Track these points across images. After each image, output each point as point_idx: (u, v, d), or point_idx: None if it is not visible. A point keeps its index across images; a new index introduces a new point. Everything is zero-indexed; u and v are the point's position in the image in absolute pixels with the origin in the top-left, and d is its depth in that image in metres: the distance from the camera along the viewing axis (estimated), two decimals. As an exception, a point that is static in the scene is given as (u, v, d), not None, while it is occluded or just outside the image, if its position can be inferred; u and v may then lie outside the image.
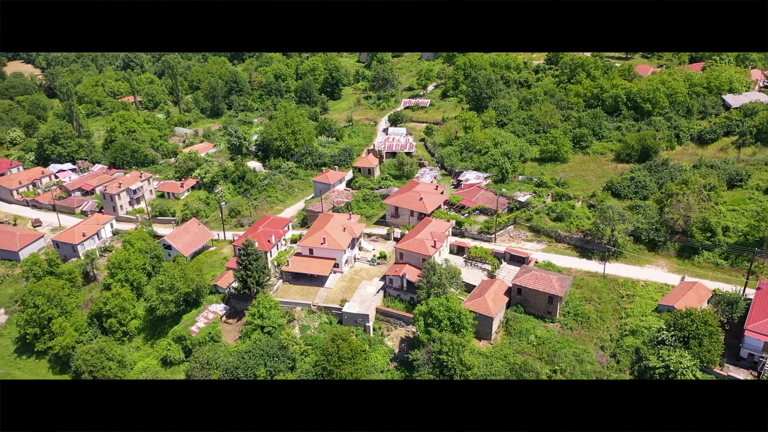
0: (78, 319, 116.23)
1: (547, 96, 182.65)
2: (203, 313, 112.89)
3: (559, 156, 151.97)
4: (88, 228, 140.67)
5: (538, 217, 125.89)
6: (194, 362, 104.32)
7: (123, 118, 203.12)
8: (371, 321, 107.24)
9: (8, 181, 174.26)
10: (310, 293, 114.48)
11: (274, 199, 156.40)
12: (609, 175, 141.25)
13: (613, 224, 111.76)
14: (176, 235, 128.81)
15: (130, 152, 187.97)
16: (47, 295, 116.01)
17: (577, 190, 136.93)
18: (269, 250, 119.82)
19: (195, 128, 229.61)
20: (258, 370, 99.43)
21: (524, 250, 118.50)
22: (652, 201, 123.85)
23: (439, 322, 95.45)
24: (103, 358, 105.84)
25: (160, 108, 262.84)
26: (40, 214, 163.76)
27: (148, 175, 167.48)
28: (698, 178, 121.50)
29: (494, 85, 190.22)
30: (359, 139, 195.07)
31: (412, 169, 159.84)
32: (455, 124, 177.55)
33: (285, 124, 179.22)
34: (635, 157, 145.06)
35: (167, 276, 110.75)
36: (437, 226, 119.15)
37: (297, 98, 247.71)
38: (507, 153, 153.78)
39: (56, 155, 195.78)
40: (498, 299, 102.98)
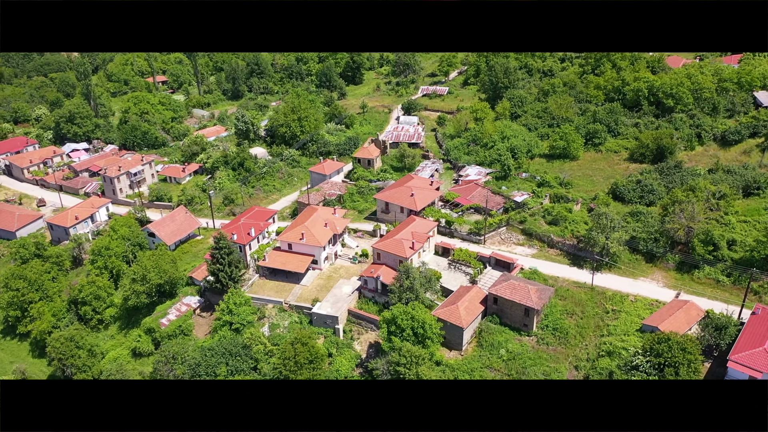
0: (57, 305, 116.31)
1: (566, 87, 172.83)
2: (176, 305, 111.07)
3: (568, 153, 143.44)
4: (82, 211, 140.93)
5: (532, 219, 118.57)
6: (160, 356, 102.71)
7: (137, 98, 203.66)
8: (341, 323, 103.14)
9: (20, 159, 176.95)
10: (285, 290, 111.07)
11: (271, 188, 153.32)
12: (619, 175, 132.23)
13: (606, 232, 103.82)
14: (160, 223, 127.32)
15: (140, 134, 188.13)
16: (29, 278, 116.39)
17: (580, 191, 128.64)
18: (248, 243, 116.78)
19: (213, 110, 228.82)
20: (219, 368, 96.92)
21: (512, 255, 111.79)
22: (658, 207, 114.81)
23: (402, 330, 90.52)
24: (72, 346, 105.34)
25: (184, 89, 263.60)
26: (46, 194, 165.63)
27: (150, 158, 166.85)
28: (708, 184, 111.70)
29: (512, 75, 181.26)
30: (370, 127, 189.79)
31: (414, 162, 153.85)
32: (465, 114, 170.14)
33: (291, 110, 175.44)
34: (649, 158, 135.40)
35: (140, 266, 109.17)
36: (421, 225, 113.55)
37: (318, 82, 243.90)
38: (513, 148, 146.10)
39: (72, 134, 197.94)
40: (472, 308, 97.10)
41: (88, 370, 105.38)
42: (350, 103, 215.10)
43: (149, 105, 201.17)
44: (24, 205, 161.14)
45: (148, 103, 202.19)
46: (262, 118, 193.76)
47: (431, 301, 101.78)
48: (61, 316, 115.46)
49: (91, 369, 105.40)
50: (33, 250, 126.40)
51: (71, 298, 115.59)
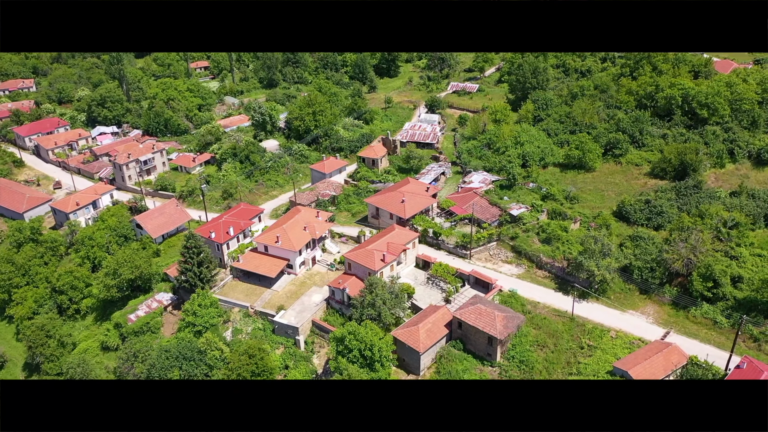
0: (41, 291, 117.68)
1: (597, 91, 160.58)
2: (147, 301, 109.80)
3: (584, 163, 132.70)
4: (84, 197, 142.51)
5: (525, 236, 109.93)
6: (123, 352, 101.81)
7: (165, 84, 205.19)
8: (302, 334, 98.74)
9: (47, 140, 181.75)
10: (256, 294, 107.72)
11: (273, 184, 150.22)
12: (634, 191, 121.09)
13: (595, 258, 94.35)
14: (148, 215, 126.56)
15: (163, 121, 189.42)
16: (16, 263, 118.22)
17: (586, 207, 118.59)
18: (226, 242, 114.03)
19: (244, 99, 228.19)
20: (172, 372, 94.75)
21: (495, 274, 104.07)
22: (665, 232, 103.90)
23: (349, 351, 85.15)
24: (43, 335, 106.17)
25: (223, 75, 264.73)
26: (66, 177, 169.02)
27: (163, 146, 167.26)
28: (721, 210, 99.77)
29: (540, 75, 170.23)
30: (390, 123, 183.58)
31: (420, 164, 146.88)
32: (484, 115, 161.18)
33: (307, 103, 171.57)
34: (671, 174, 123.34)
35: (113, 260, 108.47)
36: (400, 235, 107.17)
37: (352, 73, 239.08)
38: (525, 155, 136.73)
39: (102, 118, 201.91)
40: (435, 331, 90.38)
41: (56, 360, 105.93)
42: (379, 97, 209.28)
43: (176, 91, 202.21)
44: (41, 186, 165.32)
45: (176, 89, 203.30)
46: (282, 110, 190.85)
47: (397, 318, 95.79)
48: (43, 302, 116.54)
49: (59, 359, 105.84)
50: (28, 234, 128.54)
51: (52, 286, 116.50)
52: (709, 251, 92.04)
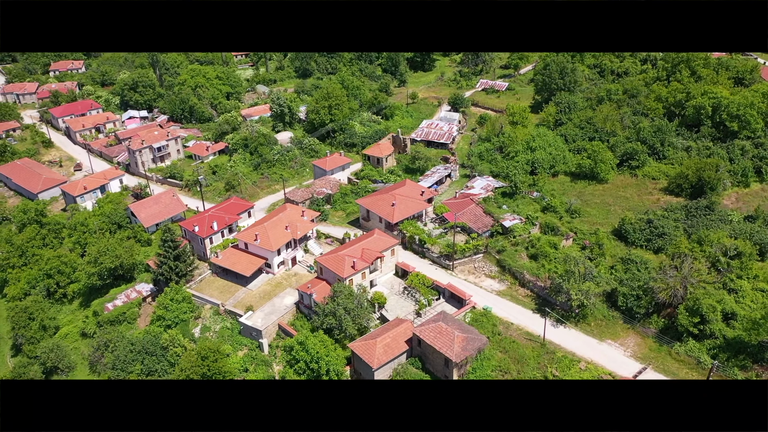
0: (34, 273, 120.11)
1: (626, 96, 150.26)
2: (127, 291, 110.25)
3: (596, 174, 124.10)
4: (92, 181, 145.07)
5: (513, 250, 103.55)
6: (95, 341, 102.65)
7: (194, 71, 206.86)
8: (266, 337, 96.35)
9: (75, 122, 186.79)
10: (230, 291, 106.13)
11: (278, 178, 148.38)
12: (643, 207, 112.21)
13: (575, 281, 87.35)
14: (142, 204, 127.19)
15: (188, 107, 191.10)
16: (14, 243, 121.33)
17: (587, 223, 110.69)
18: (209, 236, 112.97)
19: (277, 88, 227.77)
20: (134, 366, 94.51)
21: (472, 290, 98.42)
22: (664, 256, 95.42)
23: (297, 362, 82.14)
24: (26, 317, 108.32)
25: (261, 63, 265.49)
26: (88, 159, 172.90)
27: (178, 134, 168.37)
28: (724, 237, 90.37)
29: (568, 76, 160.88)
30: (411, 120, 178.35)
31: (426, 165, 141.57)
32: (501, 117, 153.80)
33: (324, 96, 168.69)
34: (687, 191, 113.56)
35: (95, 248, 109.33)
36: (377, 242, 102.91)
37: (386, 65, 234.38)
38: (534, 162, 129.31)
39: (134, 102, 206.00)
40: (394, 346, 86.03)
41: (36, 342, 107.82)
42: (412, 91, 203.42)
43: (204, 78, 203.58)
44: (63, 168, 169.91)
45: (204, 76, 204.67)
46: (303, 102, 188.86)
47: (363, 329, 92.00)
48: (35, 284, 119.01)
49: (38, 342, 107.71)
50: (32, 216, 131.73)
51: (42, 268, 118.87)
52: (701, 283, 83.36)
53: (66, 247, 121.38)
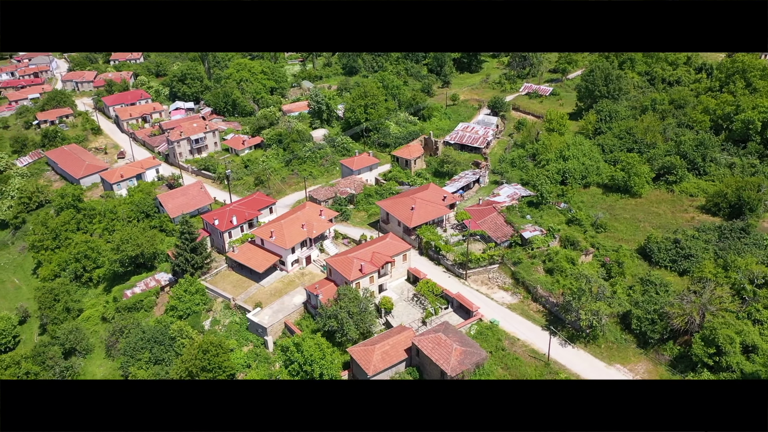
0: (65, 255, 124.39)
1: (672, 106, 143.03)
2: (147, 279, 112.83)
3: (629, 187, 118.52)
4: (129, 170, 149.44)
5: (529, 263, 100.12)
6: (111, 326, 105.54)
7: (240, 66, 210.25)
8: (271, 335, 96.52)
9: (123, 111, 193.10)
10: (243, 286, 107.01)
11: (307, 174, 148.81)
12: (674, 225, 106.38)
13: (585, 300, 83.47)
14: (170, 195, 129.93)
15: (231, 101, 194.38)
16: (49, 226, 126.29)
17: (612, 239, 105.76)
18: (227, 230, 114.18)
19: (322, 84, 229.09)
20: (142, 353, 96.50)
21: (482, 301, 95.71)
22: (689, 279, 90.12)
23: (291, 363, 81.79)
24: (51, 298, 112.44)
25: (310, 59, 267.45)
26: (133, 148, 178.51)
27: (216, 126, 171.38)
28: (753, 263, 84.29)
29: (613, 83, 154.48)
30: (449, 122, 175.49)
31: (455, 169, 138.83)
32: (538, 123, 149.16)
33: (360, 95, 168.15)
34: (725, 211, 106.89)
35: (118, 235, 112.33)
36: (389, 246, 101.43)
37: (432, 65, 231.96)
38: (564, 171, 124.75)
39: (181, 94, 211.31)
40: (393, 354, 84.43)
41: (59, 323, 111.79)
42: (454, 93, 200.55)
43: (249, 73, 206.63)
44: (107, 155, 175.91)
45: (249, 71, 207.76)
46: (341, 100, 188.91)
47: (367, 333, 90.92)
48: (66, 266, 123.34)
49: (61, 323, 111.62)
50: (69, 201, 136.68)
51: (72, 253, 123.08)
52: (721, 311, 78.02)
53: (96, 233, 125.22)
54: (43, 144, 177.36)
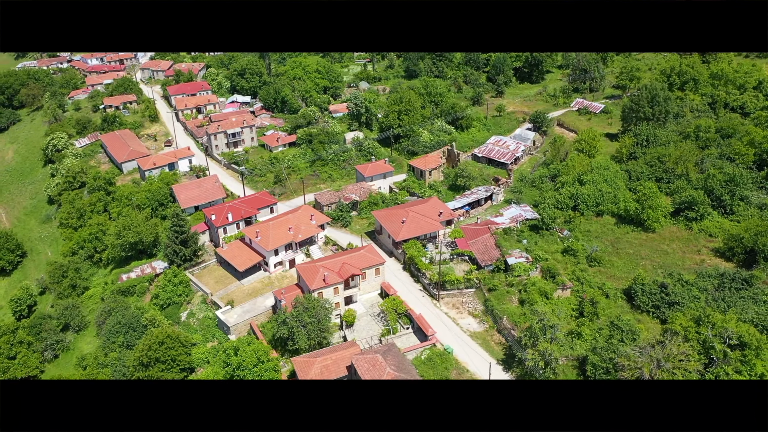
0: (83, 235, 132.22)
1: (718, 135, 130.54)
2: (143, 266, 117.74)
3: (642, 220, 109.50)
4: (163, 158, 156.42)
5: (504, 290, 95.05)
6: (101, 307, 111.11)
7: (296, 63, 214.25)
8: (234, 334, 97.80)
9: (180, 101, 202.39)
10: (225, 283, 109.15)
11: (326, 176, 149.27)
12: (683, 267, 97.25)
13: (536, 340, 78.07)
14: (184, 187, 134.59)
15: (281, 98, 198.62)
16: (76, 206, 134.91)
17: (604, 276, 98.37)
18: (222, 226, 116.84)
19: (379, 86, 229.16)
20: (117, 337, 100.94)
21: (446, 326, 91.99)
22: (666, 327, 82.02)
23: (227, 365, 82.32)
24: (59, 274, 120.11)
25: (377, 61, 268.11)
26: (178, 137, 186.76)
27: (252, 122, 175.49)
28: (732, 320, 75.10)
29: (659, 105, 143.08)
30: (487, 134, 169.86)
31: (468, 183, 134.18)
32: (567, 142, 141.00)
33: (396, 101, 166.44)
34: (740, 257, 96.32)
35: (121, 222, 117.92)
36: (362, 258, 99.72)
37: (493, 73, 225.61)
38: (577, 196, 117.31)
39: (240, 87, 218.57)
40: (332, 369, 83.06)
41: (64, 298, 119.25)
42: (499, 103, 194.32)
43: (302, 71, 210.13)
44: (157, 142, 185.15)
45: (303, 69, 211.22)
46: (378, 104, 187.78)
47: (323, 343, 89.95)
48: (82, 245, 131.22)
49: (66, 298, 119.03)
50: (101, 183, 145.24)
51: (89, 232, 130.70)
52: (678, 369, 70.14)
53: (112, 216, 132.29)
54: (102, 127, 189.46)
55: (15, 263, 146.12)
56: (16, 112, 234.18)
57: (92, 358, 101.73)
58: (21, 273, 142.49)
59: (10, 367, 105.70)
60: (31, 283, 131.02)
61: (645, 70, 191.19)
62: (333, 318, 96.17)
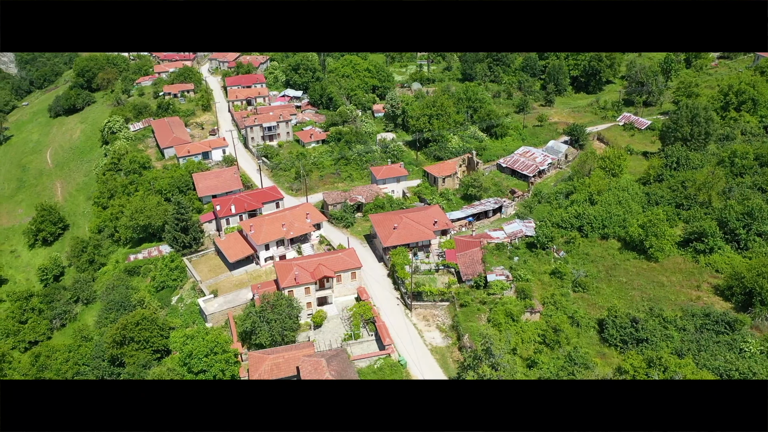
0: (108, 214, 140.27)
1: (756, 162, 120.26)
2: (151, 248, 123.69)
3: (645, 249, 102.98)
4: (197, 147, 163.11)
5: (475, 307, 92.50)
6: (106, 282, 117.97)
7: (346, 61, 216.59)
8: (210, 322, 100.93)
9: (232, 92, 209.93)
10: (216, 272, 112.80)
11: (346, 176, 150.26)
12: (674, 303, 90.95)
13: (477, 365, 75.61)
14: (203, 176, 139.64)
15: (326, 95, 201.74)
16: (108, 186, 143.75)
17: (587, 302, 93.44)
18: (225, 216, 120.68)
19: (431, 88, 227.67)
20: (110, 314, 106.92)
21: (407, 336, 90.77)
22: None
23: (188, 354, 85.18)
24: (79, 248, 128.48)
25: (436, 62, 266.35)
26: (229, 127, 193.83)
27: (288, 118, 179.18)
28: (689, 365, 69.40)
29: (699, 125, 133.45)
30: (521, 144, 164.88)
31: (479, 193, 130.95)
32: (591, 158, 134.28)
33: (428, 104, 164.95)
34: (738, 298, 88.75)
35: (133, 205, 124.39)
36: (340, 261, 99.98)
37: (547, 80, 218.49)
38: (581, 216, 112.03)
39: (293, 82, 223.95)
40: (283, 368, 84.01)
41: (81, 272, 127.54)
42: (542, 113, 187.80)
43: (352, 69, 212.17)
44: (204, 130, 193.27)
45: (353, 68, 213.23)
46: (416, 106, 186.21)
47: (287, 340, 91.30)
48: (106, 224, 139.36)
49: (83, 272, 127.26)
50: (136, 167, 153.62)
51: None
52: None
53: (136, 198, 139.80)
54: (156, 113, 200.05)
55: (56, 235, 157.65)
56: (92, 94, 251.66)
57: (88, 331, 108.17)
58: (60, 244, 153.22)
59: (20, 330, 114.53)
60: (62, 255, 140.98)
61: (704, 87, 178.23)
62: (305, 317, 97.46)
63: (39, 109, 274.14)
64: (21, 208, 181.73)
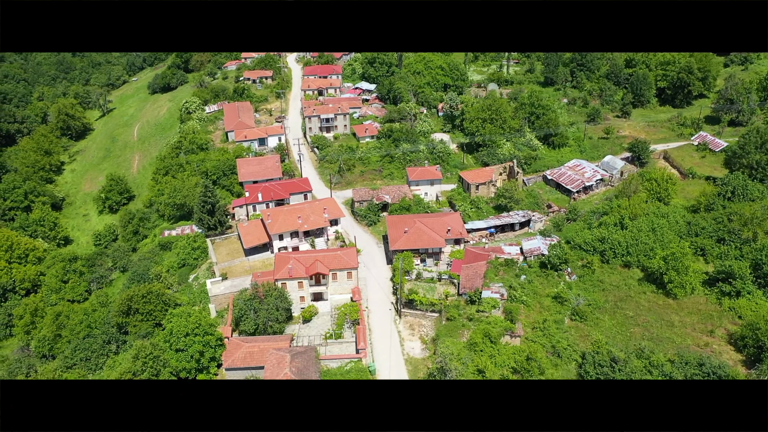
0: (161, 187, 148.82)
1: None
2: (184, 227, 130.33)
3: (664, 284, 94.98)
4: (254, 132, 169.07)
5: (460, 322, 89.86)
6: (141, 255, 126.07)
7: (419, 57, 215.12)
8: (213, 304, 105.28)
9: (305, 82, 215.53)
10: (234, 255, 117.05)
11: (387, 174, 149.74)
12: (678, 346, 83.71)
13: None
14: (246, 162, 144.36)
15: (394, 90, 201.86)
16: (164, 163, 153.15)
17: (580, 333, 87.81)
18: (253, 203, 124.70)
19: (506, 89, 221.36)
20: (132, 284, 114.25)
21: (386, 343, 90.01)
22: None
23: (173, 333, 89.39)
24: (126, 219, 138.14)
25: (522, 62, 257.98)
26: (298, 116, 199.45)
27: (347, 110, 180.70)
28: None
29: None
30: (579, 156, 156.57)
31: (510, 204, 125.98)
32: (636, 180, 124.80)
33: (484, 107, 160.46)
34: (750, 350, 80.00)
35: (172, 185, 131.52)
36: (338, 259, 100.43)
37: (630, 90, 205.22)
38: (605, 240, 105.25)
39: (368, 75, 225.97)
40: (257, 358, 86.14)
41: (126, 241, 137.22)
42: (610, 125, 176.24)
43: (423, 66, 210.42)
44: (272, 116, 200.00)
45: (426, 66, 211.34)
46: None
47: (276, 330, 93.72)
48: (155, 199, 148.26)
49: (128, 241, 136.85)
50: (194, 147, 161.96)
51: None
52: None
53: (164, 179, 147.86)
54: (232, 97, 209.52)
55: (121, 203, 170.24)
56: (186, 75, 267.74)
57: (106, 297, 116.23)
58: (123, 212, 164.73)
59: (61, 288, 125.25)
60: (118, 223, 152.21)
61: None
62: (298, 311, 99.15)
63: (142, 85, 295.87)
64: (102, 176, 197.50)
